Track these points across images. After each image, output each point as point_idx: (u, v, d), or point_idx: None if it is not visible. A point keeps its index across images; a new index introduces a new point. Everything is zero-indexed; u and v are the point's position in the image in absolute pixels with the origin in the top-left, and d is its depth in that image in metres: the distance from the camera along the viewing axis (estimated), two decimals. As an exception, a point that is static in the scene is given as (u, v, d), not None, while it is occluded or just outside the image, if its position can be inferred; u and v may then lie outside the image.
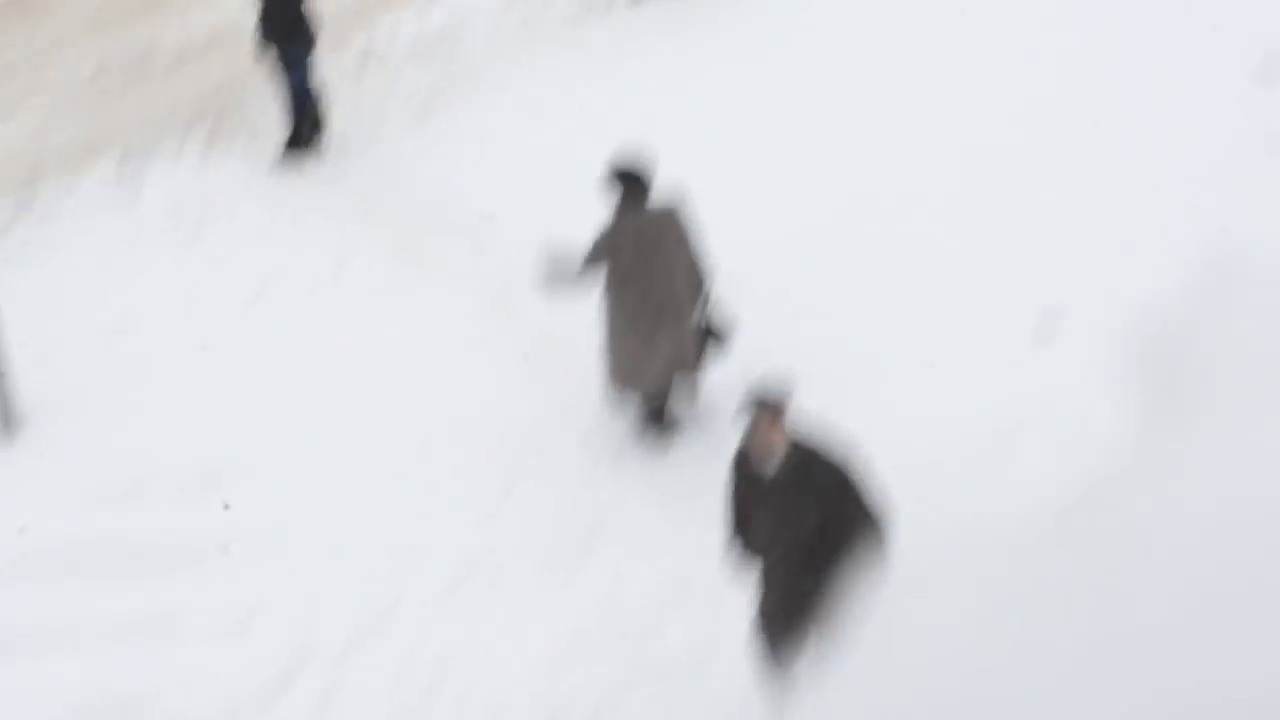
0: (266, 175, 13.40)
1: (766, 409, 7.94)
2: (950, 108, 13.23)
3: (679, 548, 9.90)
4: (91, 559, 10.01)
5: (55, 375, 11.43)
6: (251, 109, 14.10)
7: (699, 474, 9.91)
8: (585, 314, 10.57)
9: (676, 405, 10.73)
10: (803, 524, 8.02)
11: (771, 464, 8.03)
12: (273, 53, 13.28)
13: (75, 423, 11.06)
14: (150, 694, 9.12)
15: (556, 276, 10.40)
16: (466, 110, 13.97)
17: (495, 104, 14.01)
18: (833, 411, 10.42)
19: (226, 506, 9.57)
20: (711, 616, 9.54)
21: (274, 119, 13.76)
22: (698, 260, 10.44)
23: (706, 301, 10.56)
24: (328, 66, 13.80)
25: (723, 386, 10.48)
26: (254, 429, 10.96)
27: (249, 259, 12.48)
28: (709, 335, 10.60)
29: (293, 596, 9.72)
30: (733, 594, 9.46)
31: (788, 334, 11.37)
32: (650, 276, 10.29)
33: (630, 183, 10.24)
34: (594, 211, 10.44)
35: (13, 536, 10.20)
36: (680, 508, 10.07)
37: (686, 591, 9.63)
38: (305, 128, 13.46)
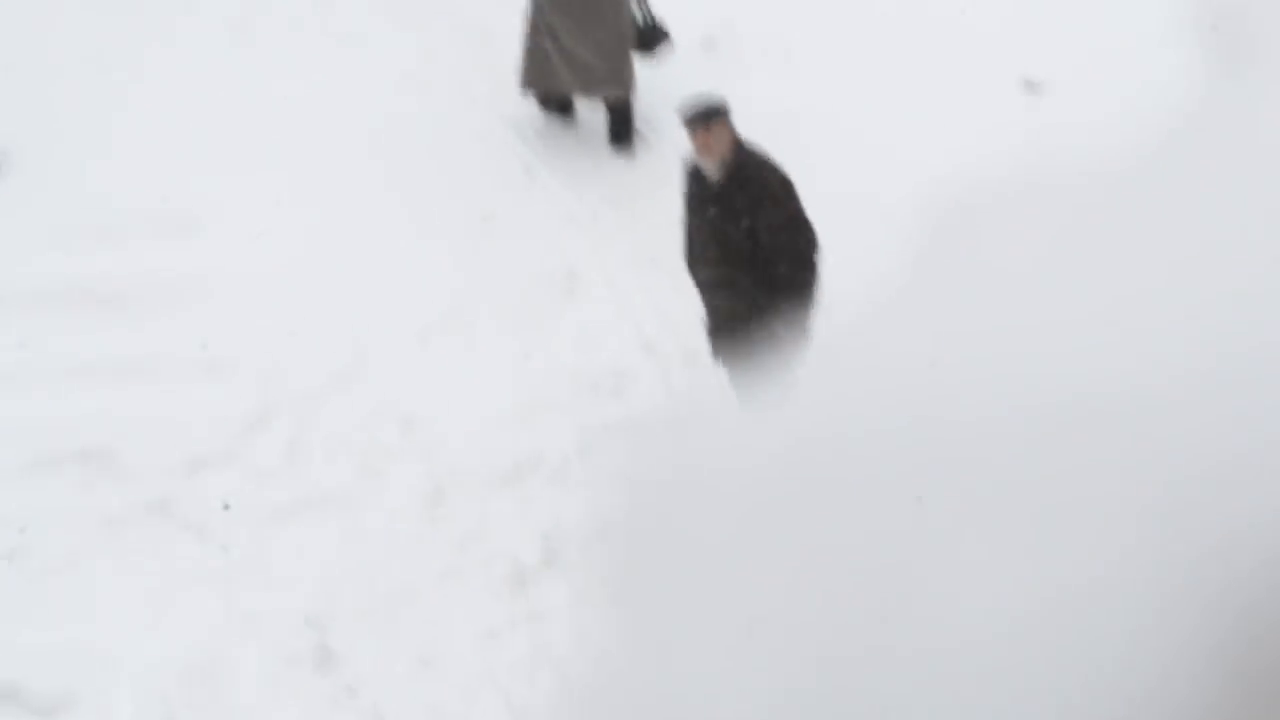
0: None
1: (698, 120, 8.20)
2: None
3: (654, 302, 9.89)
4: (60, 300, 9.95)
5: (33, 108, 11.26)
6: None
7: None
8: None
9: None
10: (731, 232, 8.24)
11: (713, 174, 8.26)
12: None
13: (51, 159, 10.90)
14: (113, 443, 9.15)
15: None
16: None
17: None
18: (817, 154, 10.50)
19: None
20: (685, 370, 9.57)
21: None
22: None
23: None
24: None
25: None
26: (231, 169, 10.81)
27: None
28: (645, 41, 10.72)
29: (262, 343, 9.70)
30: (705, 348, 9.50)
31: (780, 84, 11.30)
32: None
33: None
34: None
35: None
36: (657, 263, 10.00)
37: (659, 348, 9.62)
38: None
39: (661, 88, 10.89)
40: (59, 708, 8.09)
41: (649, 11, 10.85)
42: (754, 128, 10.69)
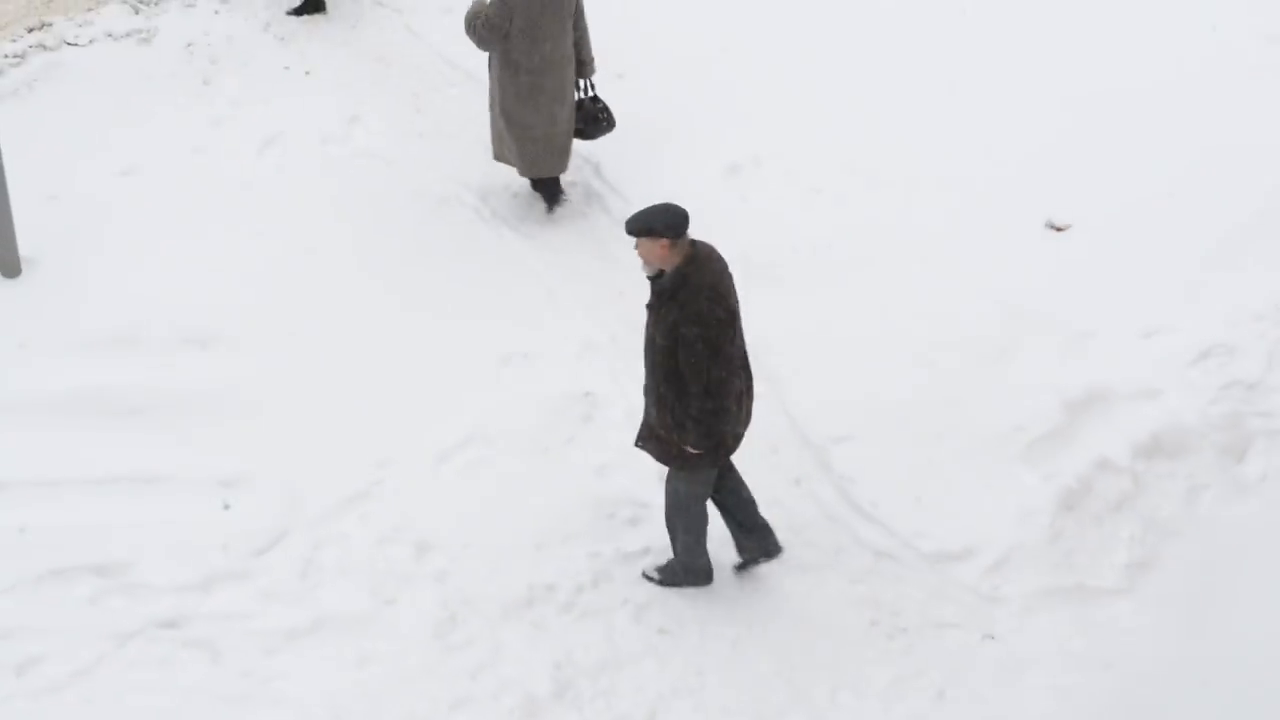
0: (282, 26, 13.17)
1: (629, 231, 8.35)
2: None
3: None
4: (80, 407, 9.98)
5: (60, 214, 11.35)
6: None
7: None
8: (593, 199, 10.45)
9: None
10: (657, 341, 8.41)
11: (655, 282, 8.46)
12: None
13: (75, 265, 10.98)
14: (128, 557, 9.13)
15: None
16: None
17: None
18: (826, 296, 10.57)
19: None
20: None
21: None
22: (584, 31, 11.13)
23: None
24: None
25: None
26: (254, 282, 10.89)
27: (260, 108, 12.34)
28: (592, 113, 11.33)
29: (279, 460, 9.70)
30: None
31: (796, 214, 11.36)
32: (539, 49, 10.86)
33: None
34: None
35: (4, 378, 10.16)
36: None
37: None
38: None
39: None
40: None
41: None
42: (779, 257, 10.83)
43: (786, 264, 10.94)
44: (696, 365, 8.30)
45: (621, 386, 10.17)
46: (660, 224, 8.30)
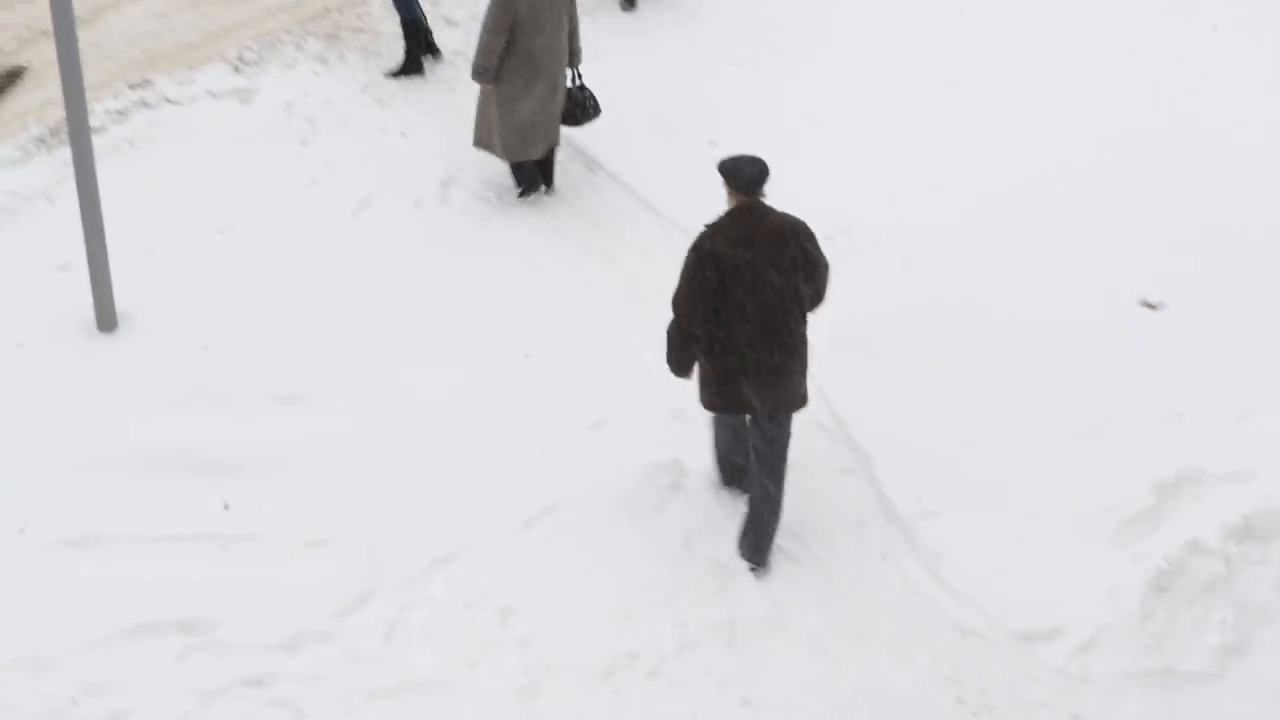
0: (380, 89, 13.29)
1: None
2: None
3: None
4: (171, 463, 10.07)
5: (157, 271, 11.47)
6: (374, 16, 13.99)
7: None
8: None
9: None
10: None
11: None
12: None
13: (170, 321, 11.09)
14: (214, 614, 9.18)
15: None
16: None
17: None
18: (917, 369, 10.53)
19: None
20: (779, 581, 9.53)
21: (394, 31, 13.68)
22: (575, 25, 11.83)
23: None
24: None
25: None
26: (346, 342, 10.96)
27: (357, 170, 12.42)
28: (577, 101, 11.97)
29: (365, 523, 9.73)
30: (791, 563, 9.51)
31: (887, 286, 11.33)
32: (541, 37, 11.51)
33: None
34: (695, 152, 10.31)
35: (99, 432, 10.26)
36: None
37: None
38: (418, 52, 13.32)
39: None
40: None
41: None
42: (869, 330, 10.83)
43: (878, 337, 10.92)
44: (675, 292, 9.03)
45: (709, 457, 10.15)
46: (725, 171, 9.05)
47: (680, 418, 10.41)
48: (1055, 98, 13.11)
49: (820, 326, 10.68)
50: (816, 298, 9.27)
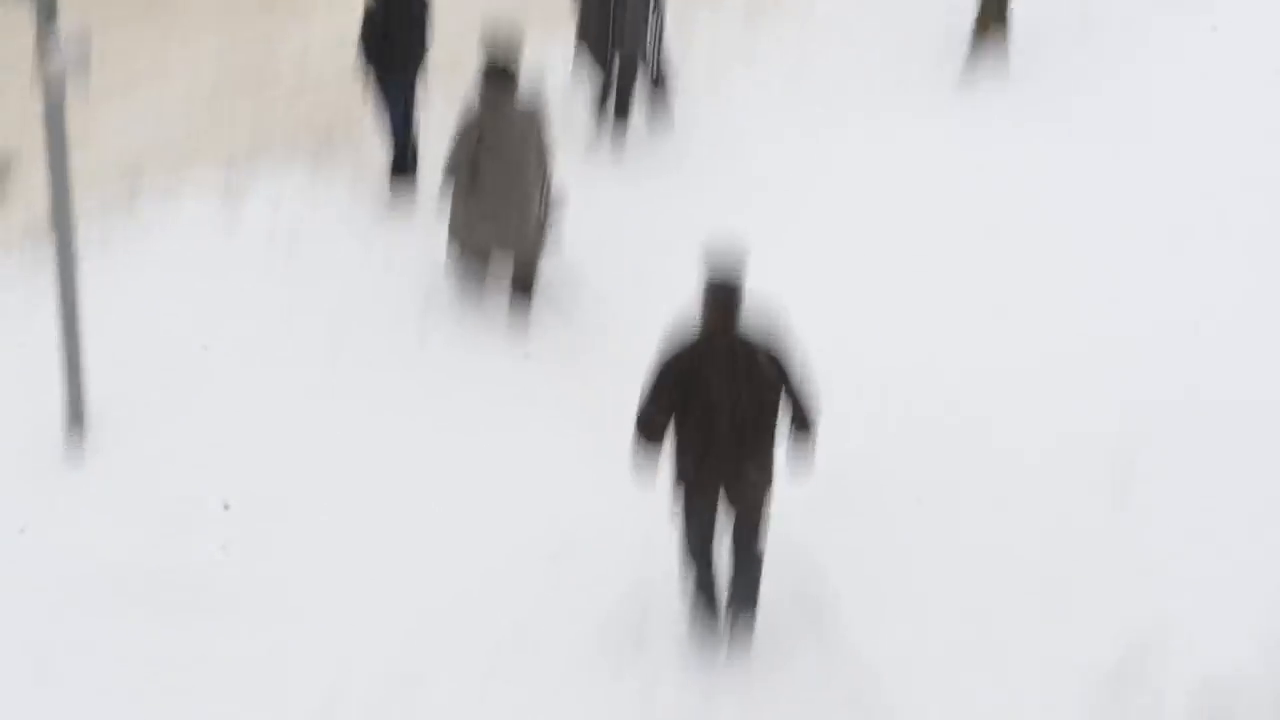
0: (369, 206, 13.31)
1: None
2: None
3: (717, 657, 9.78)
4: (135, 589, 9.97)
5: (132, 387, 11.40)
6: (362, 132, 14.04)
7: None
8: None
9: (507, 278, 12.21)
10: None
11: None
12: (372, 79, 13.18)
13: (140, 440, 11.03)
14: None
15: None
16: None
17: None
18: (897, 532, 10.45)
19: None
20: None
21: (382, 160, 13.75)
22: (546, 159, 11.97)
23: (548, 196, 12.08)
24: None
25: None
26: (317, 468, 10.92)
27: (339, 290, 12.44)
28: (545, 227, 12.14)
29: (323, 654, 9.60)
30: (767, 705, 9.37)
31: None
32: (504, 161, 11.72)
33: (499, 75, 11.72)
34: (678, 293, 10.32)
35: (66, 541, 10.18)
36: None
37: (719, 703, 9.50)
38: (405, 162, 13.35)
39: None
40: None
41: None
42: (840, 465, 10.70)
43: (851, 473, 10.86)
44: (644, 382, 9.18)
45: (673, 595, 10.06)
46: (704, 285, 9.10)
47: (648, 545, 10.30)
48: (1033, 243, 13.11)
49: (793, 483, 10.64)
50: (801, 409, 9.31)
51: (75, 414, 10.92)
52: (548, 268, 12.56)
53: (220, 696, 9.39)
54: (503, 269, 12.29)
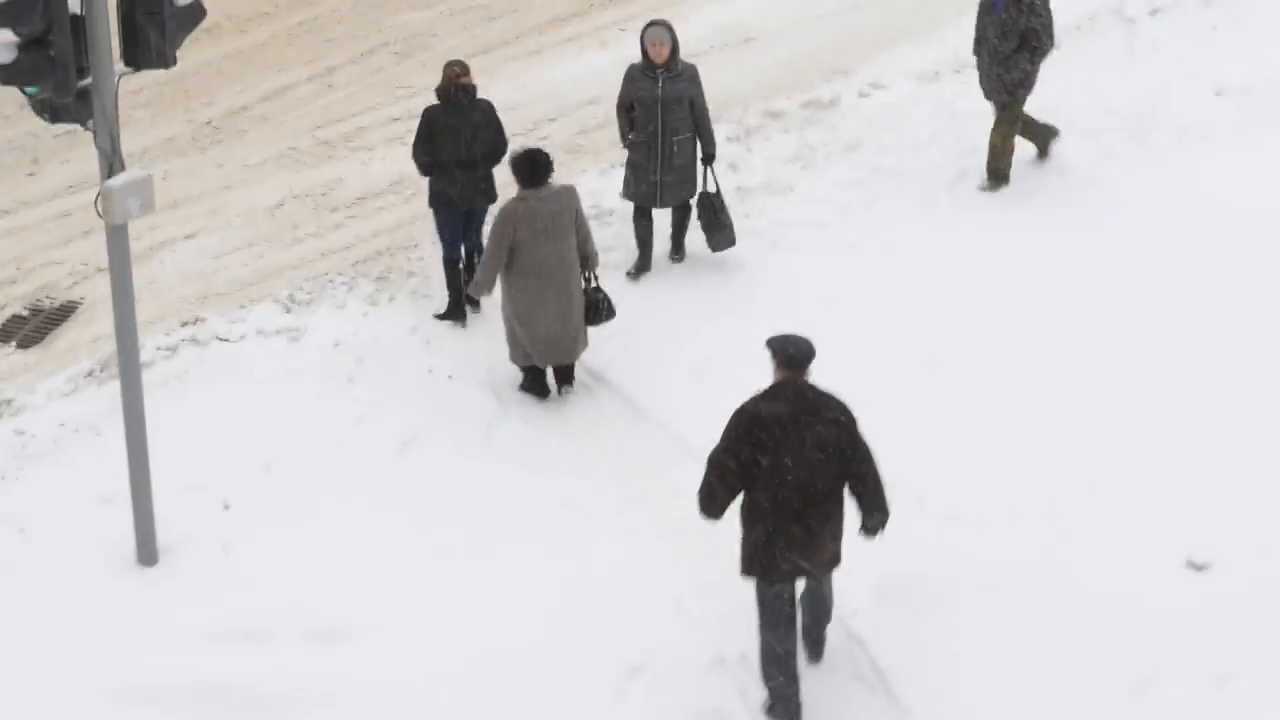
0: (428, 330, 13.41)
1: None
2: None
3: None
4: (208, 699, 10.04)
5: (199, 506, 11.53)
6: (423, 258, 14.18)
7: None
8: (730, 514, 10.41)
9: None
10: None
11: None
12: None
13: (211, 557, 11.15)
14: None
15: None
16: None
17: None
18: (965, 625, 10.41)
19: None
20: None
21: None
22: (585, 234, 12.40)
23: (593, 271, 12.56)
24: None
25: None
26: (388, 582, 10.96)
27: (402, 410, 12.51)
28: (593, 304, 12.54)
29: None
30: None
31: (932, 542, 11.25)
32: (543, 251, 12.12)
33: (533, 169, 12.08)
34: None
35: (136, 666, 10.23)
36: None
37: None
38: (457, 297, 13.47)
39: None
40: None
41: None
42: (915, 585, 10.72)
43: (922, 590, 10.81)
44: (712, 450, 9.55)
45: (751, 708, 10.02)
46: (773, 346, 9.63)
47: (721, 663, 10.30)
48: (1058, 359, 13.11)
49: (864, 587, 10.64)
50: (870, 497, 9.69)
51: (145, 541, 11.04)
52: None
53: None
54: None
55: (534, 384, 12.70)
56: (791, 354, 9.58)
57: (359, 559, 11.14)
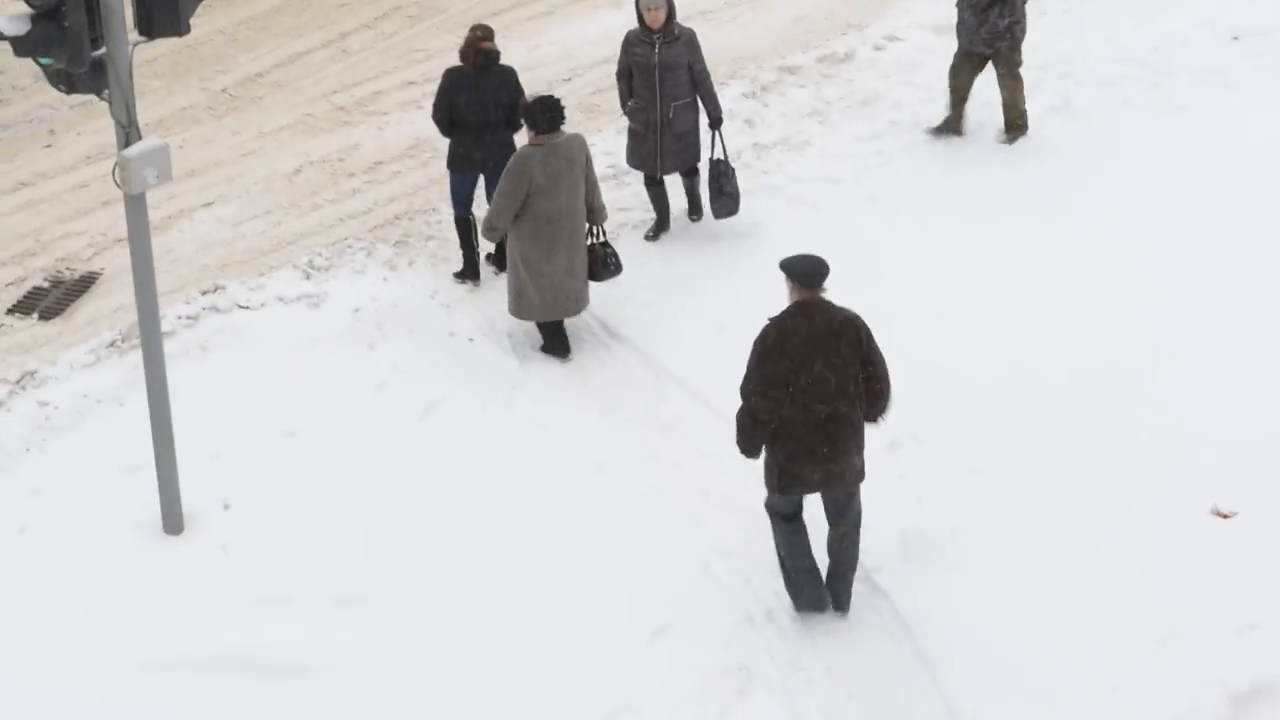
0: (448, 293, 13.41)
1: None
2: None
3: (825, 706, 9.77)
4: (232, 664, 10.12)
5: (223, 474, 11.57)
6: (441, 222, 14.17)
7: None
8: (753, 473, 10.41)
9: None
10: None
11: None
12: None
13: (235, 524, 11.19)
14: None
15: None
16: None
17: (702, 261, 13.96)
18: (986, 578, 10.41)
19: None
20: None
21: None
22: (593, 185, 12.56)
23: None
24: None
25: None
26: (408, 547, 11.00)
27: (424, 374, 12.52)
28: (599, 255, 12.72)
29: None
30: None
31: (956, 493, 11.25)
32: (557, 199, 12.23)
33: (547, 114, 12.19)
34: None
35: (162, 634, 10.30)
36: (830, 671, 9.99)
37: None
38: (471, 255, 13.46)
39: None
40: None
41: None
42: (939, 536, 10.72)
43: (946, 544, 10.82)
44: (743, 378, 9.85)
45: (778, 665, 10.04)
46: (787, 268, 9.93)
47: (747, 619, 10.32)
48: (1114, 303, 13.08)
49: (889, 539, 10.64)
50: (878, 397, 10.03)
51: (170, 510, 11.08)
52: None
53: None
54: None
55: (554, 343, 12.71)
56: (808, 271, 9.89)
57: (382, 524, 11.17)
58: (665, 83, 13.44)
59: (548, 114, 12.25)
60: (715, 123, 13.68)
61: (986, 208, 14.09)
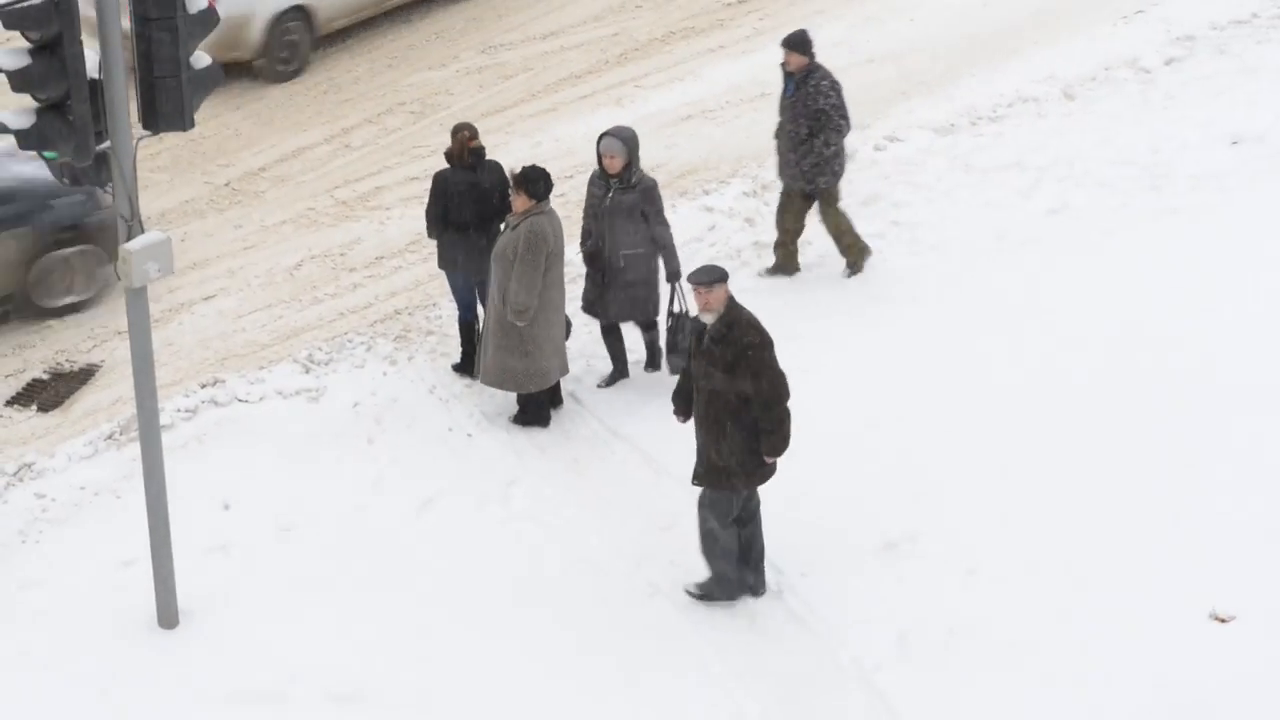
0: (447, 389, 13.41)
1: (708, 282, 10.79)
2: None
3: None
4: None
5: (218, 568, 11.54)
6: (441, 317, 14.19)
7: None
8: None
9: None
10: (712, 389, 10.81)
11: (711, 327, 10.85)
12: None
13: (230, 619, 11.16)
14: None
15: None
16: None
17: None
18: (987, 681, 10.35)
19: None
20: None
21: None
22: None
23: None
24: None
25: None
26: (405, 644, 10.97)
27: (422, 469, 12.52)
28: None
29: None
30: None
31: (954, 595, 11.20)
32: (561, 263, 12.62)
33: (547, 183, 12.57)
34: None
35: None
36: None
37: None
38: (472, 349, 13.45)
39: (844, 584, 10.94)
40: None
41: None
42: (936, 638, 10.68)
43: (944, 648, 10.77)
44: (773, 377, 10.76)
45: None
46: (726, 272, 10.81)
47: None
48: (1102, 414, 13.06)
49: (888, 638, 10.59)
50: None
51: (165, 604, 11.06)
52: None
53: None
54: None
55: (536, 413, 12.83)
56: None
57: (378, 622, 11.15)
58: (614, 228, 13.03)
59: (544, 181, 12.53)
60: (672, 276, 13.14)
61: (989, 311, 14.07)
